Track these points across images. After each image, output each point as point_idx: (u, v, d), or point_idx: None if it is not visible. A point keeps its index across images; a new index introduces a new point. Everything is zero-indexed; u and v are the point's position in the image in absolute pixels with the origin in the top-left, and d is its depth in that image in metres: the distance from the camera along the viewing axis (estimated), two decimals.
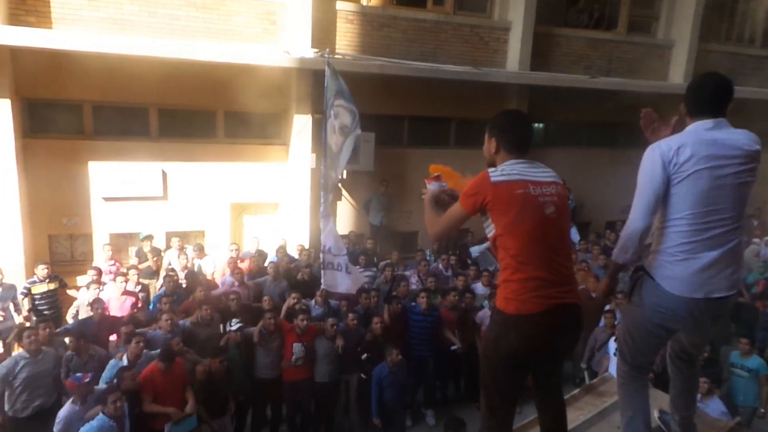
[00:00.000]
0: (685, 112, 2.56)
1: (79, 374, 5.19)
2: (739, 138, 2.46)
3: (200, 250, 8.79)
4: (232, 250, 8.46)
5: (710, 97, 2.53)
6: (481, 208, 2.42)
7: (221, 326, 6.73)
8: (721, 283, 2.45)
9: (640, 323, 2.65)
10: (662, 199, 2.44)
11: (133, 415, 5.24)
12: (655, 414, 3.24)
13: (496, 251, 2.50)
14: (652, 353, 2.77)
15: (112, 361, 5.68)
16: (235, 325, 6.28)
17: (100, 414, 4.76)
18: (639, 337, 2.69)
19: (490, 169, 2.46)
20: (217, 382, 5.81)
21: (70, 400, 5.09)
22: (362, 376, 6.77)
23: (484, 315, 7.35)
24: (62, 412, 5.00)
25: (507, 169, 2.42)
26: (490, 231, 2.46)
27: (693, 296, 2.44)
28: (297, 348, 6.39)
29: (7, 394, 5.39)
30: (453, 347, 7.17)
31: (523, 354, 2.48)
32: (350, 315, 6.81)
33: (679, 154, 2.40)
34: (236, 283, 7.67)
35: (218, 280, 8.19)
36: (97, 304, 6.65)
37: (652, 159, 2.45)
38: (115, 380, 5.31)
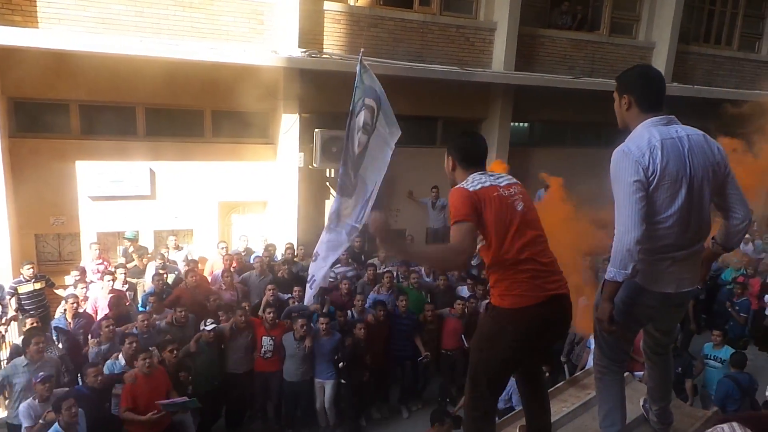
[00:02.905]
0: (630, 105, 2.47)
1: (42, 373, 5.11)
2: (702, 140, 2.43)
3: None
4: (221, 248, 8.49)
5: (660, 89, 2.50)
6: (478, 213, 2.45)
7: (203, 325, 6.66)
8: (690, 276, 2.56)
9: (615, 317, 2.66)
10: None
11: (94, 416, 5.13)
12: (640, 402, 3.38)
13: (486, 259, 2.58)
14: (627, 345, 2.84)
15: (108, 362, 5.71)
16: (209, 325, 6.34)
17: (55, 425, 4.68)
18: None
19: (460, 184, 2.59)
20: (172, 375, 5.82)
21: (32, 396, 5.06)
22: (342, 381, 6.78)
23: None
24: (22, 407, 4.98)
25: (475, 180, 2.57)
26: (479, 244, 2.56)
27: (665, 291, 2.54)
28: (266, 341, 6.58)
29: (6, 401, 5.37)
30: (420, 357, 7.27)
31: (520, 348, 2.57)
32: (321, 319, 6.75)
33: (654, 158, 2.34)
34: (224, 286, 7.66)
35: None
36: (72, 299, 6.68)
37: (627, 166, 2.35)
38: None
